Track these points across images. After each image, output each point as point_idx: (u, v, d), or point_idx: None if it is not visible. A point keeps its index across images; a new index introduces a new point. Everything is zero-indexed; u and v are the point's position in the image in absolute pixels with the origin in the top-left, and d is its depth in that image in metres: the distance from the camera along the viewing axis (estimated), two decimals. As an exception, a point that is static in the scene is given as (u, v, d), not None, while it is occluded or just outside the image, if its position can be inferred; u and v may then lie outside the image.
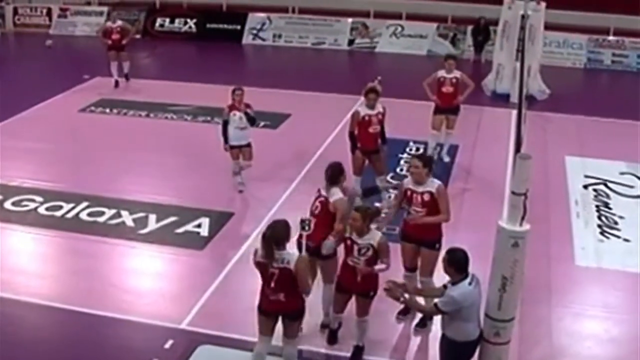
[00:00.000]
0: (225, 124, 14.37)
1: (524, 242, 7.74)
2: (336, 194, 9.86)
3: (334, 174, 10.04)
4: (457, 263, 7.84)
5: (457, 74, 15.70)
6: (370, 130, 13.47)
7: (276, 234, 8.33)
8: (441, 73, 15.69)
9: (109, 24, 22.65)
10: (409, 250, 10.17)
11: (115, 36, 22.00)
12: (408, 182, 10.02)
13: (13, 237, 13.18)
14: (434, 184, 9.82)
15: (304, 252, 8.79)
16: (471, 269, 7.90)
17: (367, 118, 13.42)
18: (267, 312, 8.74)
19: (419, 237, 9.99)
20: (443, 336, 8.23)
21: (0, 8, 31.70)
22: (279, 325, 8.86)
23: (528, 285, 9.09)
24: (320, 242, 9.59)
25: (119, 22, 22.69)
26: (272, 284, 8.41)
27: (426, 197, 9.77)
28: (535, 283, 10.95)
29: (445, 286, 8.07)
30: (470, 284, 7.83)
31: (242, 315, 10.62)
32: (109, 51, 22.10)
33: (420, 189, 9.81)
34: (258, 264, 8.50)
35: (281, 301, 8.52)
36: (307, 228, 8.98)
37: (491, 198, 13.80)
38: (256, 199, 14.36)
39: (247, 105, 14.46)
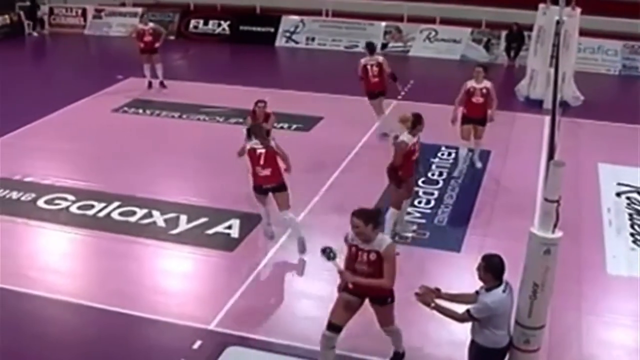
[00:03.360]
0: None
1: (555, 249, 7.68)
2: None
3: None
4: (495, 269, 7.75)
5: (487, 84, 15.46)
6: (414, 158, 12.63)
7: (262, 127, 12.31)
8: (471, 83, 15.50)
9: (141, 26, 22.56)
10: (349, 304, 9.02)
11: (147, 38, 21.95)
12: (354, 237, 8.68)
13: (45, 236, 13.29)
14: (382, 243, 8.52)
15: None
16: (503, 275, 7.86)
17: (412, 148, 12.44)
18: (259, 186, 12.17)
19: (366, 293, 8.96)
20: (472, 342, 8.18)
21: (37, 8, 31.94)
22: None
23: (558, 293, 9.00)
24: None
25: (151, 25, 22.49)
26: (262, 162, 11.93)
27: (372, 256, 8.54)
28: (566, 291, 10.84)
29: (477, 292, 8.01)
30: (504, 291, 7.77)
31: (271, 317, 10.68)
32: (141, 54, 22.09)
33: (367, 247, 8.56)
34: (251, 150, 12.03)
35: (268, 175, 11.99)
36: (332, 256, 8.73)
37: (523, 204, 13.71)
38: (287, 201, 14.38)
39: (268, 116, 14.64)
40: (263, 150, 11.98)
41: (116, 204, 14.21)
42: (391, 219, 12.59)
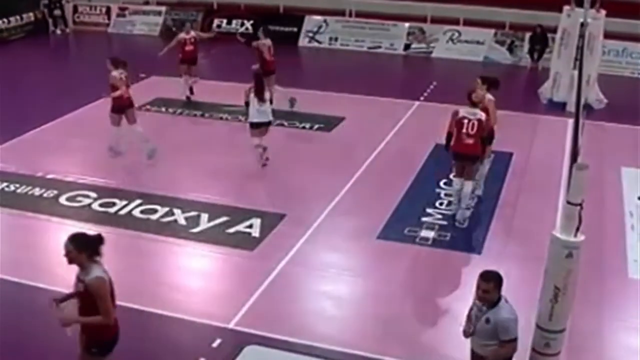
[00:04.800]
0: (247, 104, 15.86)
1: (578, 253, 7.64)
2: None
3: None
4: (501, 283, 7.52)
5: (485, 99, 13.83)
6: None
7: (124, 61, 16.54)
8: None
9: (183, 35, 21.17)
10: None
11: (189, 47, 21.02)
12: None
13: (67, 233, 13.26)
14: (88, 275, 7.60)
15: None
16: (523, 278, 7.81)
17: None
18: (120, 106, 16.09)
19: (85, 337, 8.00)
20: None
21: (61, 6, 32.08)
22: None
23: (579, 297, 8.95)
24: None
25: (193, 33, 21.48)
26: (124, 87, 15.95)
27: (80, 286, 7.65)
28: (587, 295, 10.78)
29: (487, 320, 7.53)
30: (505, 300, 7.59)
31: (291, 317, 10.68)
32: (180, 64, 21.04)
33: (81, 276, 7.70)
34: (119, 78, 15.99)
35: (128, 97, 16.28)
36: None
37: (545, 207, 13.66)
38: (308, 201, 14.37)
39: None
40: (124, 78, 16.31)
41: (137, 201, 14.27)
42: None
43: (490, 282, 7.44)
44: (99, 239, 7.81)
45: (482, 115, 13.08)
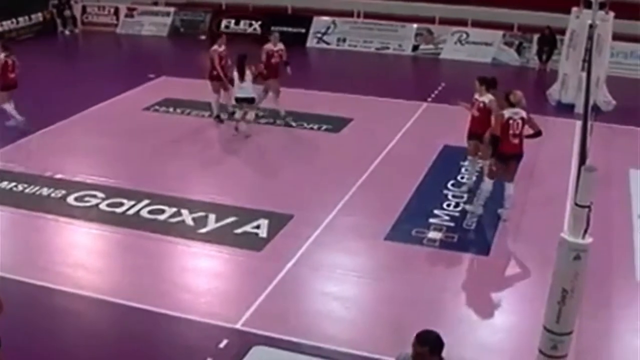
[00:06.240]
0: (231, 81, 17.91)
1: (586, 256, 7.61)
2: None
3: None
4: (441, 345, 6.82)
5: (486, 99, 14.33)
6: None
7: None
8: (475, 95, 14.62)
9: (216, 47, 19.61)
10: None
11: (225, 62, 19.27)
12: None
13: (75, 232, 13.37)
14: None
15: None
16: (531, 280, 7.77)
17: None
18: (9, 85, 17.63)
19: None
20: None
21: (69, 7, 32.13)
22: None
23: (587, 299, 8.92)
24: None
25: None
26: (12, 69, 17.46)
27: None
28: (595, 297, 10.75)
29: None
30: None
31: (298, 317, 10.68)
32: (212, 80, 19.22)
33: None
34: (5, 61, 17.27)
35: (14, 77, 17.57)
36: None
37: (553, 209, 13.61)
38: (316, 202, 14.37)
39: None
40: (11, 62, 17.87)
41: (145, 202, 14.27)
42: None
43: (425, 346, 6.68)
44: None
45: (524, 113, 13.43)
